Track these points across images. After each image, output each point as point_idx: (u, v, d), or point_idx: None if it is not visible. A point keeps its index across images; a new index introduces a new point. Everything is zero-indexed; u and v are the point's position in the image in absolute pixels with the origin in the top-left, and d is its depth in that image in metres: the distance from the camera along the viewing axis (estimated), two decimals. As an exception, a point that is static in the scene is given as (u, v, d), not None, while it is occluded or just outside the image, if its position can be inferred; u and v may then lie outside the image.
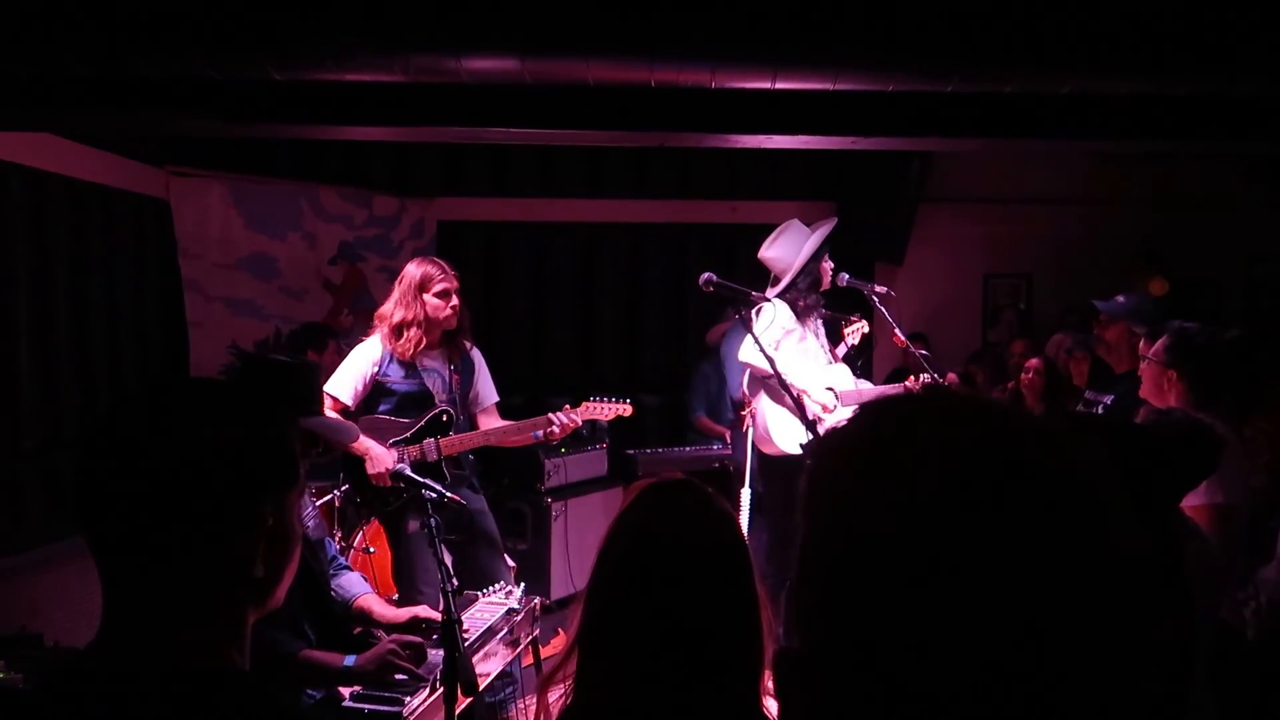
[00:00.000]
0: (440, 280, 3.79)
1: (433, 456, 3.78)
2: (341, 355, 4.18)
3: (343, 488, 4.29)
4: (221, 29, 2.74)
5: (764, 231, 4.33)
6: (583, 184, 7.10)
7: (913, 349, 4.23)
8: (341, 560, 3.00)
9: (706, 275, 3.73)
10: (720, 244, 6.97)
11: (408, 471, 2.98)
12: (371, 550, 4.53)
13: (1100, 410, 3.73)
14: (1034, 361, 5.16)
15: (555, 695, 1.38)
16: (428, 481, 2.85)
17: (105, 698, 0.98)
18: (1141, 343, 3.32)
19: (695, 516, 1.39)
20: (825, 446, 0.63)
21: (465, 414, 3.98)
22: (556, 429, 3.83)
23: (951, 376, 4.29)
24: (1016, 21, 3.09)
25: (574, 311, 7.24)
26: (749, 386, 4.26)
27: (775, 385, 3.82)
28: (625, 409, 4.00)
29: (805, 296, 4.17)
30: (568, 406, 3.91)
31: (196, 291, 5.66)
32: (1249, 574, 2.77)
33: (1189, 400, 2.83)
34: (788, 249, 4.22)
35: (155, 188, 5.46)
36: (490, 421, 4.01)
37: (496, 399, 4.08)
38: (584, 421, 3.97)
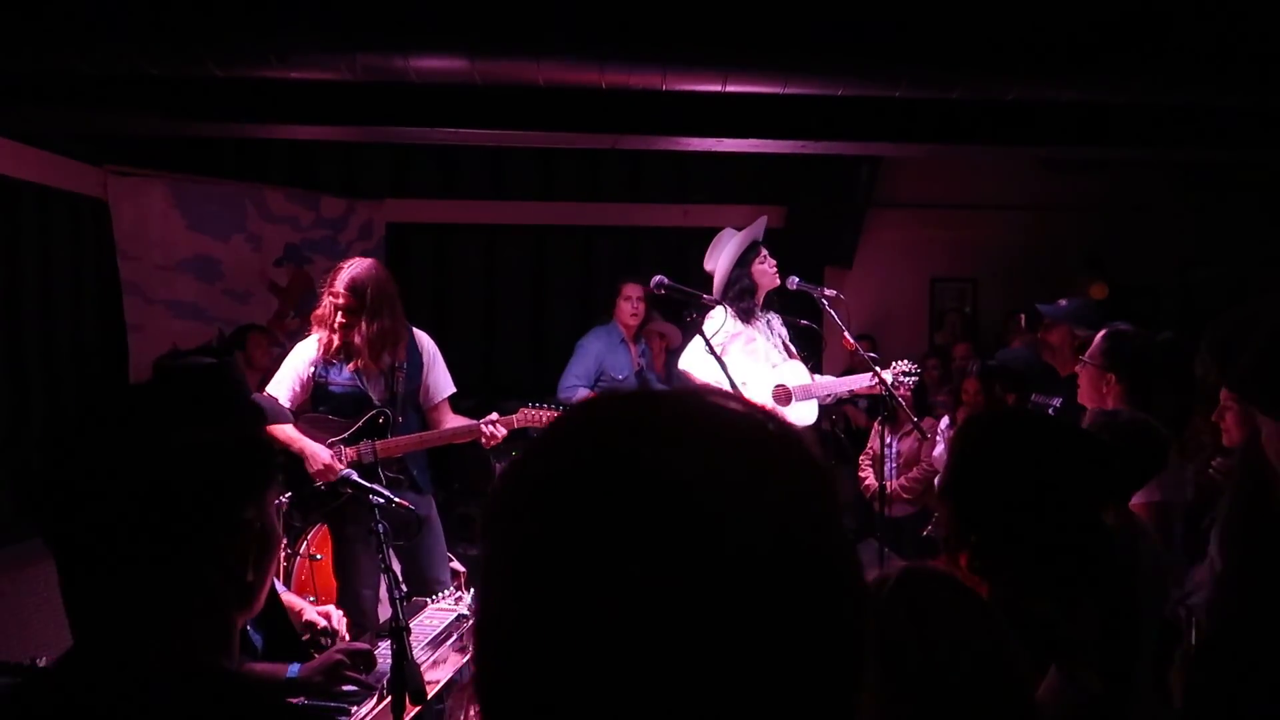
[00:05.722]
0: (328, 289, 3.60)
1: (368, 459, 3.69)
2: (266, 351, 4.06)
3: (287, 494, 4.20)
4: (161, 24, 2.67)
5: (715, 234, 4.33)
6: (533, 186, 7.06)
7: (861, 351, 4.26)
8: None
9: (658, 278, 3.73)
10: (672, 247, 6.96)
11: (355, 476, 2.93)
12: (318, 557, 4.45)
13: (1051, 413, 3.79)
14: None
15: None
16: (376, 487, 2.80)
17: (87, 705, 0.95)
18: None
19: None
20: None
21: (415, 409, 3.86)
22: (484, 441, 3.76)
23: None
24: (963, 29, 3.15)
25: (525, 315, 7.19)
26: None
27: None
28: None
29: (737, 304, 4.15)
30: (495, 415, 3.81)
31: (136, 294, 5.52)
32: (1185, 575, 2.83)
33: (1126, 402, 2.89)
34: (715, 260, 4.23)
35: (93, 187, 5.32)
36: (443, 417, 3.91)
37: (452, 390, 3.94)
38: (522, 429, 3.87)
